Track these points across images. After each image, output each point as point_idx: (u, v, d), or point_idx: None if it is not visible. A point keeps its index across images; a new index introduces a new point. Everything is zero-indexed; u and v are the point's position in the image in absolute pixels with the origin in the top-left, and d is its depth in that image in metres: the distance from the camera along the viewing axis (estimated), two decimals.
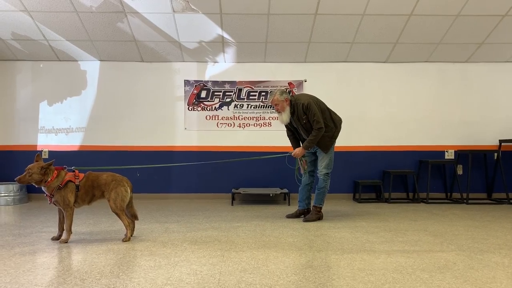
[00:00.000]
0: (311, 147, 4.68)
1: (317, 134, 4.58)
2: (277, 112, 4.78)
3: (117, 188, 3.65)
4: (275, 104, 4.71)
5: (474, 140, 6.77)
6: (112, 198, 3.63)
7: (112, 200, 3.63)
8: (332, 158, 4.80)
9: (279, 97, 4.66)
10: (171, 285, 2.47)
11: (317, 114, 4.57)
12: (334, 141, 4.82)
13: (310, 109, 4.57)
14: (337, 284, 2.50)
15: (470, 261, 3.02)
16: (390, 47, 6.41)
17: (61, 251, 3.29)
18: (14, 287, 2.42)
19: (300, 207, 4.97)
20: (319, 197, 4.80)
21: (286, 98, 4.68)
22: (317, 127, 4.56)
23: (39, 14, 5.71)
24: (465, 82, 6.80)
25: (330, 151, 4.78)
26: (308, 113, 4.58)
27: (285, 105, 4.68)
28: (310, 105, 4.58)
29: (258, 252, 3.27)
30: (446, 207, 5.93)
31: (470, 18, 5.80)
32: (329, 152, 4.77)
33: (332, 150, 4.82)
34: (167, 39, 6.20)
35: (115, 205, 3.63)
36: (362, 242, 3.64)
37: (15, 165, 6.56)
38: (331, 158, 4.79)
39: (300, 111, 4.62)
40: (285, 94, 4.70)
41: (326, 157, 4.77)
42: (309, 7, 5.60)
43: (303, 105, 4.59)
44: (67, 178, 3.58)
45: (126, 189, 3.70)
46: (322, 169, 4.78)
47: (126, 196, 3.68)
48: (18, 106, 6.73)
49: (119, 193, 3.65)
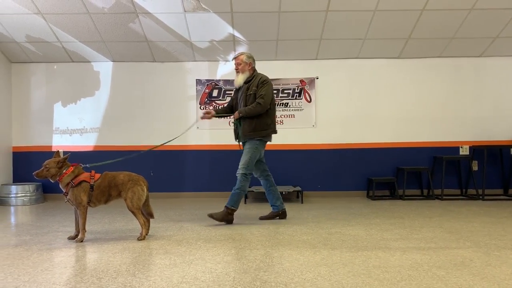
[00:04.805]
0: (243, 114, 4.45)
1: (256, 107, 4.42)
2: (236, 71, 4.66)
3: (134, 188, 3.70)
4: (238, 63, 4.60)
5: (489, 135, 6.68)
6: (129, 197, 3.68)
7: (129, 199, 3.67)
8: (253, 158, 4.47)
9: (245, 58, 4.59)
10: (187, 283, 2.49)
11: (268, 93, 4.46)
12: (263, 139, 4.54)
13: (265, 86, 4.47)
14: (352, 281, 2.49)
15: (488, 258, 2.99)
16: (403, 42, 6.35)
17: (78, 250, 3.33)
18: (32, 285, 2.46)
19: (274, 209, 4.74)
20: (233, 198, 4.42)
21: (250, 63, 4.60)
22: (260, 100, 4.41)
23: (52, 17, 5.78)
24: (479, 77, 6.71)
25: (253, 148, 4.47)
26: (261, 88, 4.46)
27: (246, 69, 4.59)
28: (267, 83, 4.51)
29: (273, 250, 3.27)
30: (461, 203, 5.86)
31: (484, 12, 5.72)
32: (251, 151, 4.47)
33: (256, 149, 4.49)
34: (178, 39, 6.22)
35: (131, 204, 3.67)
36: (377, 240, 3.62)
37: (30, 166, 6.64)
38: (252, 158, 4.46)
39: (255, 82, 4.52)
40: (252, 60, 4.62)
41: (247, 153, 4.47)
42: (320, 4, 5.57)
43: (261, 78, 4.53)
44: (81, 178, 3.64)
45: (142, 188, 3.74)
46: (241, 167, 4.46)
47: (142, 195, 3.73)
48: (33, 108, 6.82)
49: (136, 192, 3.69)
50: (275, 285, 2.44)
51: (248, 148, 4.51)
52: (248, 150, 4.50)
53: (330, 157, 6.73)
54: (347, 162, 6.76)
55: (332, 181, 6.74)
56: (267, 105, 4.47)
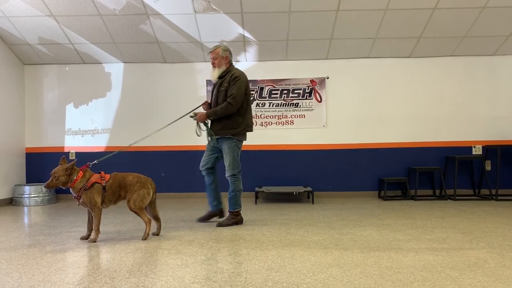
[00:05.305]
0: (212, 117, 4.30)
1: (226, 108, 4.22)
2: (212, 65, 4.43)
3: (140, 190, 3.72)
4: (214, 57, 4.38)
5: (502, 135, 6.60)
6: (132, 199, 3.69)
7: (132, 201, 3.69)
8: (235, 157, 4.34)
9: (221, 52, 4.35)
10: (199, 283, 2.49)
11: (239, 92, 4.23)
12: (237, 138, 4.35)
13: (237, 83, 4.24)
14: (364, 282, 2.48)
15: (502, 259, 2.95)
16: (414, 41, 6.30)
17: (91, 250, 3.35)
18: (47, 285, 2.48)
19: (211, 208, 4.58)
20: (231, 201, 4.38)
21: (226, 56, 4.37)
22: (230, 100, 4.21)
23: (64, 19, 5.84)
24: (492, 76, 6.64)
25: (232, 147, 4.32)
26: (233, 85, 4.24)
27: (223, 63, 4.37)
28: (239, 80, 4.26)
29: (284, 251, 3.26)
30: (474, 203, 5.80)
31: (496, 10, 5.65)
32: (231, 150, 4.32)
33: (236, 147, 4.35)
34: (189, 40, 6.25)
35: (134, 205, 3.69)
36: (389, 240, 3.59)
37: (43, 167, 6.73)
38: (235, 157, 4.34)
39: (228, 78, 4.32)
40: (228, 53, 4.39)
41: (228, 153, 4.33)
42: (330, 4, 5.55)
43: (234, 74, 4.31)
44: (93, 180, 3.65)
45: (149, 191, 3.76)
46: (227, 169, 4.35)
47: (147, 198, 3.74)
48: (46, 109, 6.89)
49: (141, 194, 3.71)
50: (287, 286, 2.43)
51: (228, 148, 4.34)
52: (228, 151, 4.34)
53: (341, 157, 6.71)
54: (358, 162, 6.72)
55: (343, 182, 6.71)
56: (238, 104, 4.26)
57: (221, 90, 4.32)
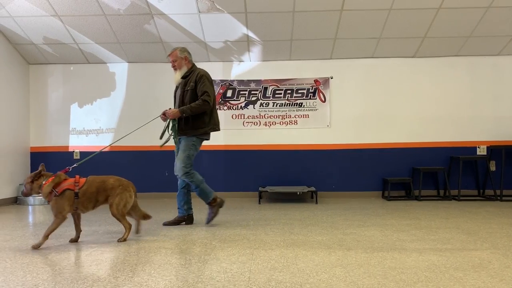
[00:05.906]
0: (187, 113, 4.22)
1: (202, 104, 4.19)
2: (173, 68, 4.43)
3: (123, 194, 3.61)
4: (174, 60, 4.37)
5: (507, 135, 6.57)
6: (115, 203, 3.57)
7: (115, 205, 3.57)
8: (190, 155, 4.28)
9: (179, 53, 4.36)
10: (202, 282, 2.50)
11: (211, 88, 4.27)
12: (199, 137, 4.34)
13: (205, 81, 4.26)
14: (368, 282, 2.47)
15: (506, 260, 2.94)
16: (418, 41, 6.28)
17: (94, 250, 3.37)
18: (51, 284, 2.50)
19: (180, 213, 4.48)
20: (202, 196, 4.33)
21: (185, 57, 4.38)
22: (205, 98, 4.19)
23: (69, 18, 5.86)
24: (497, 76, 6.61)
25: (189, 145, 4.29)
26: (202, 84, 4.24)
27: (183, 64, 4.38)
28: (206, 78, 4.31)
29: (287, 251, 3.26)
30: (478, 204, 5.78)
31: (501, 10, 5.63)
32: (188, 148, 4.27)
33: (193, 146, 4.32)
34: (193, 40, 6.25)
35: (117, 210, 3.58)
36: (393, 241, 3.59)
37: (48, 166, 6.69)
38: (189, 156, 4.27)
39: (193, 77, 4.31)
40: (186, 53, 4.40)
41: (184, 150, 4.26)
42: (334, 3, 5.55)
43: (199, 73, 4.32)
44: (65, 186, 3.48)
45: (131, 194, 3.67)
46: (180, 168, 4.24)
47: (129, 202, 3.66)
48: (50, 108, 6.92)
49: (124, 198, 3.61)
50: (290, 286, 2.43)
51: (185, 145, 4.29)
52: (185, 148, 4.28)
53: (344, 157, 6.70)
54: (362, 162, 6.71)
55: (346, 182, 6.71)
56: (211, 102, 4.27)
57: (187, 90, 4.30)
